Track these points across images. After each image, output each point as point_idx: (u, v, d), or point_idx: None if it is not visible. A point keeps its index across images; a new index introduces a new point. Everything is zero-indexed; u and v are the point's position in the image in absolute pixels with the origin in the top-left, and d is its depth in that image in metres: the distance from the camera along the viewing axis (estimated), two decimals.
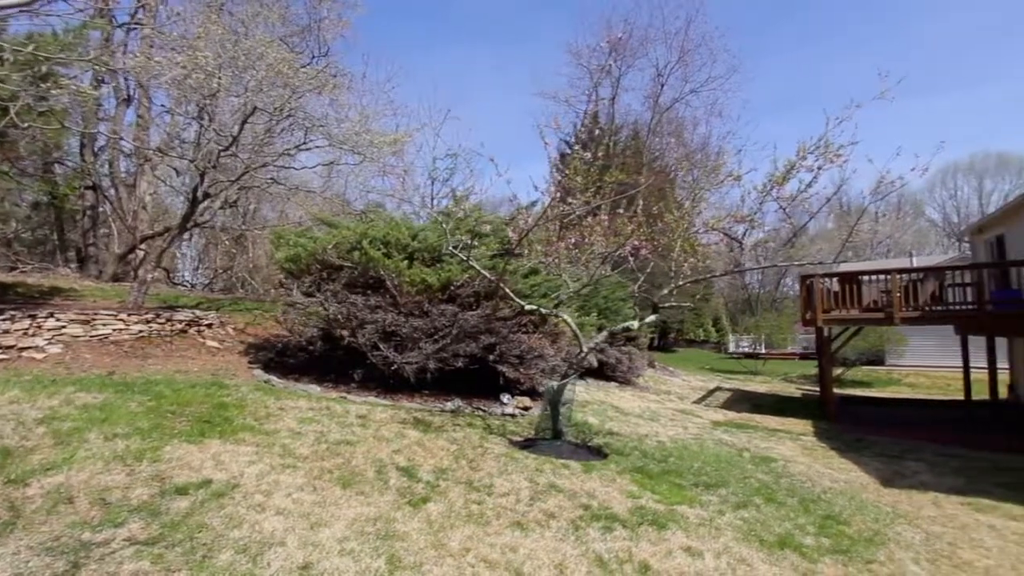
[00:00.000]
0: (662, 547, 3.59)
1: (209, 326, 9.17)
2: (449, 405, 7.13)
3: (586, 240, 5.46)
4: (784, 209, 4.80)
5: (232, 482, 3.86)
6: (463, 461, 4.97)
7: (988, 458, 8.13)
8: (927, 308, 11.40)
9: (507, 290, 5.71)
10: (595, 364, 12.84)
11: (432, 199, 7.63)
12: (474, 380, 8.07)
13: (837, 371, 20.70)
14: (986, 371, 14.64)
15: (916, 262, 24.24)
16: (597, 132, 23.07)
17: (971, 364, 14.41)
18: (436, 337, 7.07)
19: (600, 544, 3.55)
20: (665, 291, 5.77)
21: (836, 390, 18.49)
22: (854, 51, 63.86)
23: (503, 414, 7.51)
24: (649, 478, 5.16)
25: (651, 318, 6.00)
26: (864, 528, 4.28)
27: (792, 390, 19.28)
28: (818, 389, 14.93)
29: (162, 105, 8.81)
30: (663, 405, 12.55)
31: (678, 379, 19.42)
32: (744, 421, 11.46)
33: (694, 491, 4.96)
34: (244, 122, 8.18)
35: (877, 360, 22.66)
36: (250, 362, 8.14)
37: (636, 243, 5.34)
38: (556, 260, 5.45)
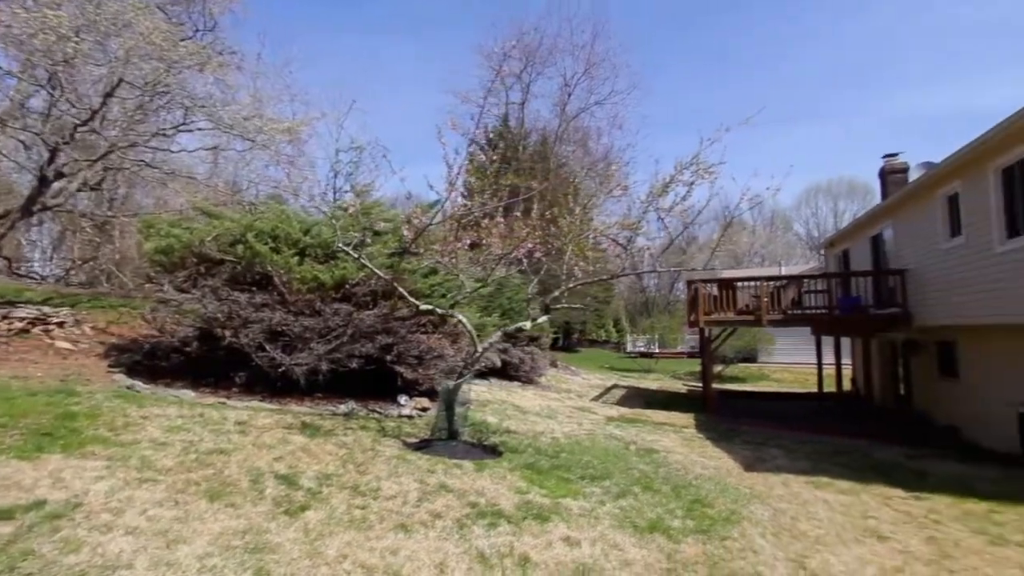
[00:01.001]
0: (543, 539, 3.72)
1: (60, 325, 8.03)
2: (342, 408, 6.85)
3: (483, 241, 5.52)
4: (662, 219, 5.23)
5: (73, 502, 3.40)
6: (351, 465, 4.80)
7: (831, 443, 9.36)
8: (788, 312, 12.91)
9: (401, 289, 5.61)
10: (498, 364, 13.01)
11: (335, 193, 7.28)
12: (371, 381, 7.82)
13: (717, 368, 22.75)
14: (839, 367, 16.90)
15: (784, 271, 27.26)
16: (503, 137, 23.48)
17: (824, 361, 16.54)
18: (329, 337, 6.76)
19: (483, 540, 3.60)
20: (556, 293, 6.00)
21: (716, 385, 20.30)
22: (742, 78, 70.73)
23: (400, 416, 7.36)
24: (539, 474, 5.32)
25: (542, 319, 6.21)
26: (724, 509, 4.75)
27: (680, 386, 20.90)
28: (701, 385, 16.28)
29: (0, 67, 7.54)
30: (562, 403, 13.01)
31: (579, 378, 20.24)
32: (635, 416, 12.20)
33: (580, 484, 5.19)
34: (108, 95, 7.26)
35: (751, 358, 25.24)
36: (111, 366, 7.24)
37: (530, 246, 5.51)
38: (453, 260, 5.45)
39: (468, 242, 5.29)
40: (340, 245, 5.45)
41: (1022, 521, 4.83)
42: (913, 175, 13.25)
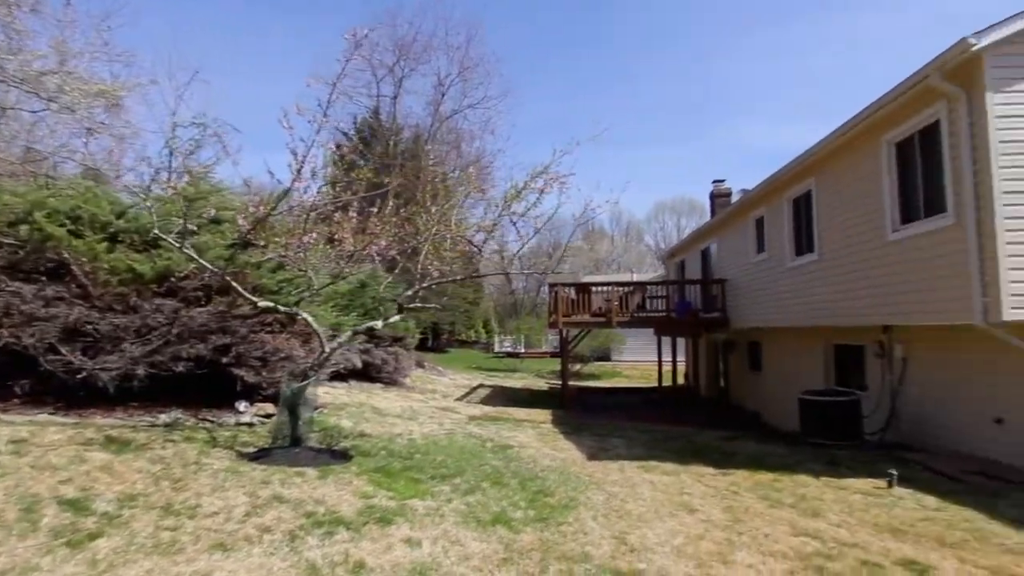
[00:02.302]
0: (383, 543, 3.62)
1: None
2: (164, 418, 6.01)
3: (335, 236, 5.24)
4: (515, 223, 5.46)
5: None
6: (166, 483, 4.22)
7: (665, 430, 10.50)
8: (634, 314, 14.29)
9: (235, 285, 5.08)
10: (359, 365, 12.47)
11: (169, 173, 6.40)
12: (205, 387, 6.98)
13: (576, 367, 24.35)
14: (681, 363, 19.07)
15: (636, 278, 30.09)
16: (373, 131, 22.68)
17: (665, 358, 18.59)
18: (150, 337, 5.89)
19: (316, 551, 3.40)
20: (409, 292, 5.93)
21: (574, 383, 21.70)
22: (609, 100, 76.73)
23: (238, 424, 6.67)
24: (388, 476, 5.19)
25: (395, 318, 6.09)
26: (564, 497, 5.07)
27: (542, 384, 21.94)
28: (561, 383, 17.26)
29: None
30: (426, 404, 12.89)
31: (446, 378, 20.24)
32: (497, 415, 12.51)
33: (430, 483, 5.17)
34: None
35: (605, 356, 27.46)
36: None
37: (384, 243, 5.37)
38: (301, 255, 5.09)
39: (314, 235, 4.97)
40: (156, 232, 4.76)
41: (795, 486, 5.87)
42: (736, 199, 15.52)
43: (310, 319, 5.44)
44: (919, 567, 3.76)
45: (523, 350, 32.98)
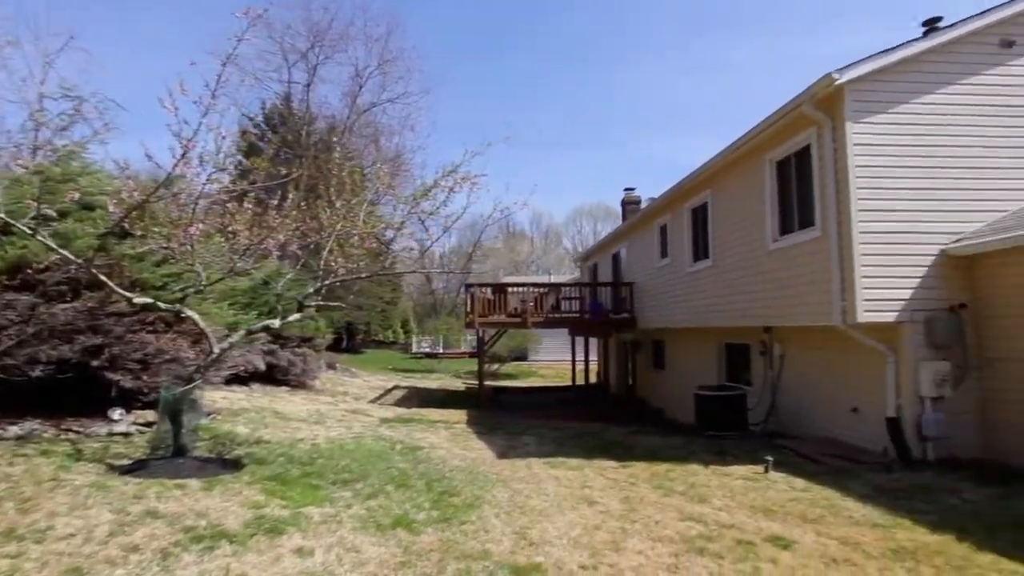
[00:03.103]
0: (271, 555, 3.42)
1: None
2: (15, 430, 5.27)
3: (229, 229, 4.87)
4: (423, 222, 5.40)
5: None
6: (9, 504, 3.69)
7: (575, 427, 10.85)
8: (549, 315, 14.66)
9: (104, 278, 4.55)
10: (262, 367, 11.73)
11: (34, 150, 5.63)
12: (72, 393, 6.22)
13: (494, 367, 24.55)
14: (593, 362, 19.78)
15: (554, 279, 30.88)
16: (283, 119, 21.39)
17: (579, 358, 19.23)
18: None
19: (192, 568, 3.13)
20: (311, 290, 5.66)
21: (492, 382, 21.85)
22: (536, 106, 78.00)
23: (112, 434, 6.01)
24: (284, 484, 4.92)
25: (294, 317, 5.79)
26: (469, 496, 5.08)
27: (459, 385, 21.87)
28: (478, 383, 17.29)
29: None
30: (335, 407, 12.38)
31: (359, 380, 19.57)
32: (411, 416, 12.29)
33: (330, 489, 4.97)
34: None
35: (523, 356, 27.92)
36: None
37: (283, 238, 5.08)
38: (188, 247, 4.66)
39: (200, 226, 4.57)
40: (2, 216, 4.13)
41: (687, 475, 6.32)
42: (644, 206, 16.43)
43: (196, 317, 5.00)
44: (784, 542, 4.18)
45: (441, 350, 32.69)
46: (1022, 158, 6.73)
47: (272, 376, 12.77)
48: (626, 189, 18.33)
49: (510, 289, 14.81)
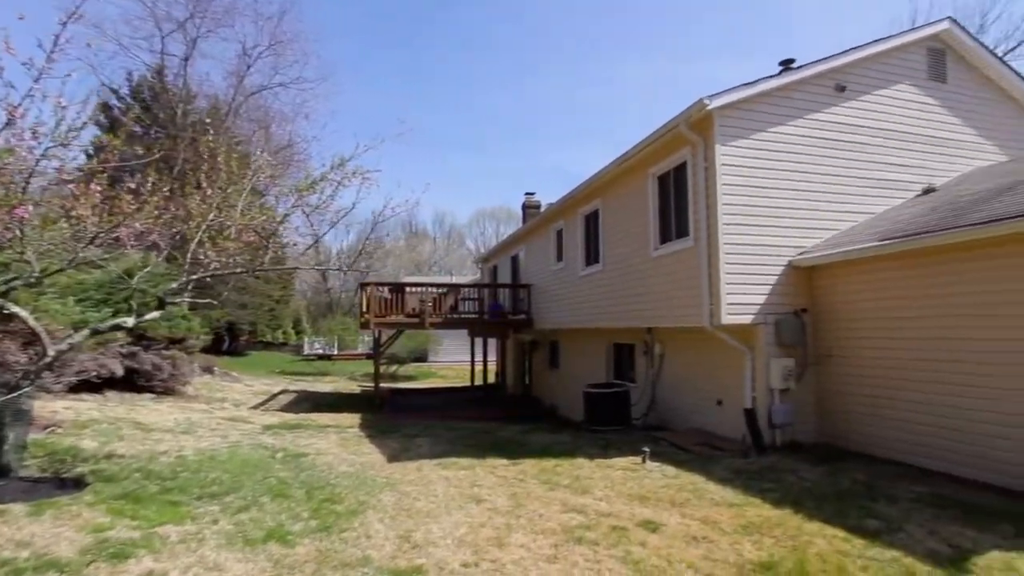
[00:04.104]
0: None
1: None
2: None
3: (71, 212, 4.21)
4: (308, 216, 5.12)
5: None
6: None
7: (472, 427, 10.90)
8: (448, 316, 14.60)
9: None
10: (119, 372, 10.37)
11: None
12: None
13: (392, 368, 23.93)
14: (492, 363, 19.96)
15: (455, 280, 30.81)
16: (155, 93, 19.11)
17: (479, 358, 19.35)
18: None
19: None
20: (175, 285, 5.12)
21: (388, 384, 21.25)
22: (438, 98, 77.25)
23: None
24: (136, 502, 4.39)
25: (153, 315, 5.20)
26: (354, 502, 4.90)
27: (354, 387, 21.00)
28: (374, 385, 16.72)
29: None
30: (210, 415, 11.29)
31: (241, 384, 18.03)
32: (299, 421, 11.58)
33: (194, 505, 4.53)
34: None
35: (423, 357, 27.51)
36: None
37: (140, 227, 4.51)
38: (16, 232, 3.94)
39: (29, 208, 3.89)
40: None
41: (573, 469, 6.62)
42: (543, 211, 16.96)
43: (24, 314, 4.26)
44: (653, 525, 4.54)
45: (336, 352, 31.17)
46: (853, 186, 7.94)
47: (133, 382, 11.33)
48: (527, 193, 18.82)
49: (408, 289, 14.51)
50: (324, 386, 20.66)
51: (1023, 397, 5.25)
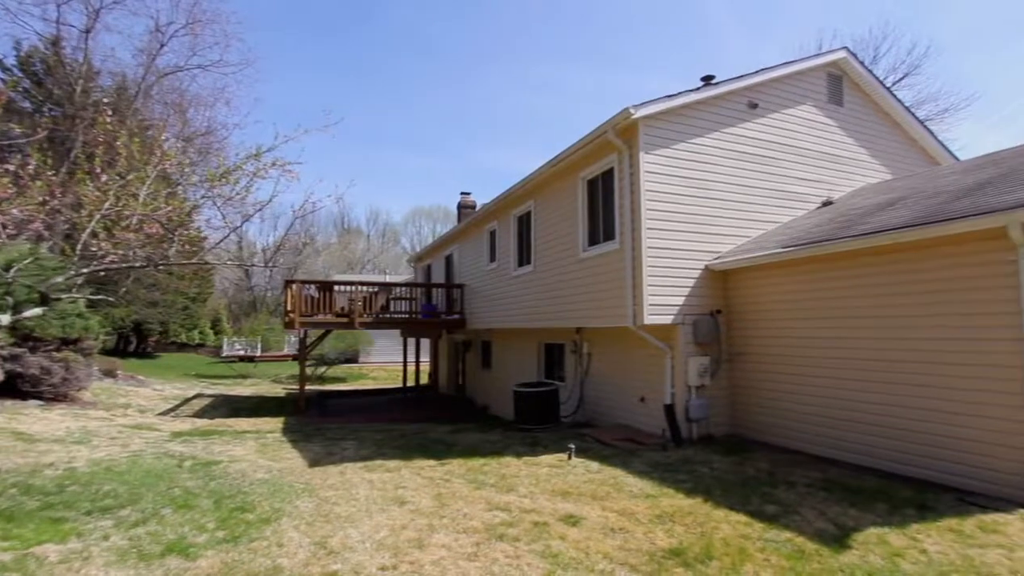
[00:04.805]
0: None
1: None
2: None
3: None
4: (219, 208, 4.82)
5: None
6: None
7: (401, 428, 10.70)
8: (379, 316, 14.24)
9: None
10: None
11: None
12: None
13: (321, 369, 23.01)
14: (425, 363, 19.66)
15: (389, 279, 30.11)
16: (48, 65, 17.18)
17: (412, 359, 19.02)
18: None
19: None
20: (60, 279, 4.63)
21: (316, 387, 20.44)
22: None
23: None
24: (9, 521, 3.94)
25: (34, 312, 4.69)
26: (268, 510, 4.66)
27: (279, 390, 20.00)
28: (299, 387, 15.98)
29: None
30: (110, 422, 10.35)
31: (148, 389, 16.67)
32: (214, 427, 10.88)
33: (82, 521, 4.13)
34: None
35: (353, 358, 26.66)
36: None
37: (20, 213, 4.03)
38: None
39: None
40: None
41: (500, 468, 6.66)
42: (478, 211, 16.96)
43: None
44: (574, 519, 4.66)
45: (259, 353, 29.50)
46: (762, 197, 8.56)
47: (16, 387, 10.17)
48: (462, 193, 18.74)
49: (337, 287, 14.00)
50: (244, 389, 19.53)
51: (895, 390, 5.88)
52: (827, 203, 8.99)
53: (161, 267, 6.00)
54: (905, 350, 5.83)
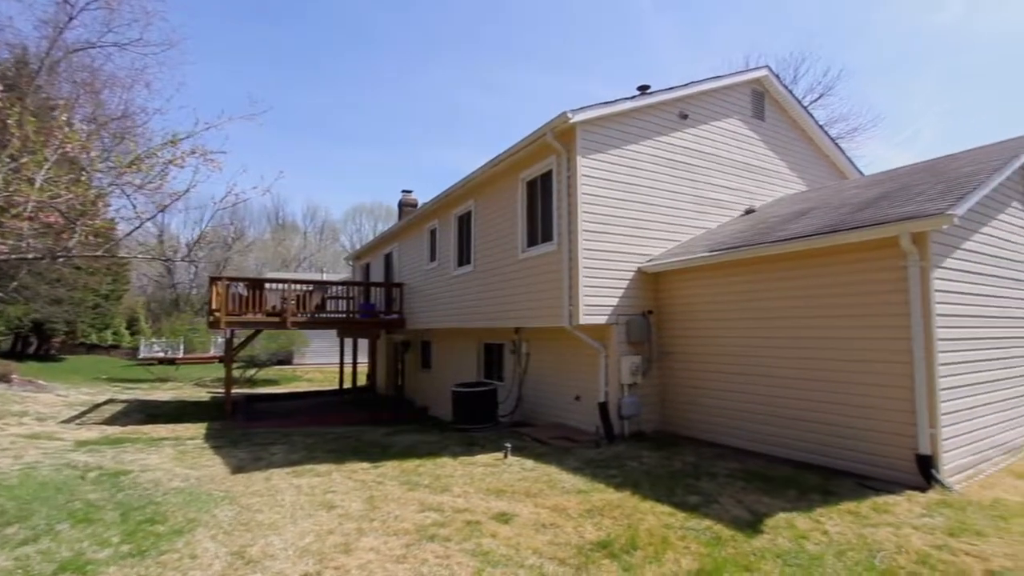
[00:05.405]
0: None
1: None
2: None
3: None
4: (129, 197, 4.46)
5: None
6: None
7: (336, 431, 10.35)
8: (314, 315, 13.71)
9: None
10: None
11: None
12: None
13: (251, 371, 21.86)
14: (363, 364, 19.10)
15: (327, 277, 29.06)
16: None
17: (349, 360, 18.45)
18: None
19: None
20: None
21: (246, 390, 19.42)
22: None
23: None
24: None
25: None
26: (181, 520, 4.37)
27: (203, 394, 18.80)
28: (225, 391, 15.08)
29: None
30: (2, 432, 9.34)
31: (49, 395, 15.19)
32: (126, 435, 10.07)
33: None
34: None
35: (287, 360, 25.51)
36: None
37: None
38: None
39: None
40: None
41: (435, 468, 6.60)
42: (419, 209, 16.71)
43: None
44: (507, 516, 4.69)
45: (182, 355, 27.58)
46: (692, 203, 9.00)
47: None
48: (404, 191, 18.41)
49: (269, 285, 13.34)
50: (164, 394, 18.21)
51: (806, 385, 6.36)
52: (749, 211, 9.57)
53: (61, 259, 5.48)
54: (814, 348, 6.31)
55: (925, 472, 5.18)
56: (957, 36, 40.58)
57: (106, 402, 15.28)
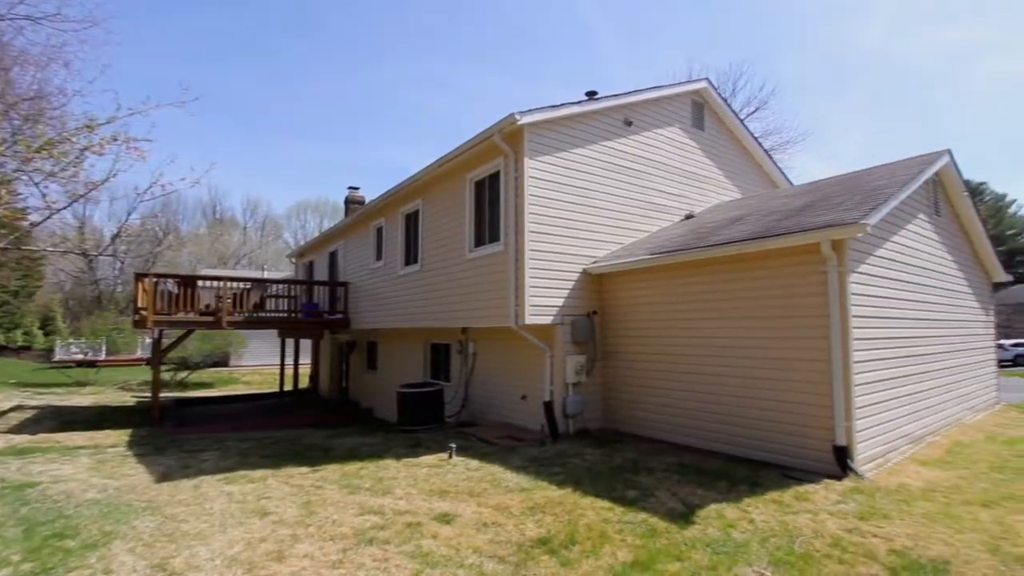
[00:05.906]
0: None
1: None
2: None
3: None
4: (38, 185, 4.10)
5: None
6: None
7: (273, 436, 9.93)
8: (252, 314, 13.10)
9: None
10: None
11: None
12: None
13: (183, 374, 20.61)
14: (305, 366, 18.39)
15: (269, 275, 27.84)
16: None
17: (291, 361, 17.73)
18: None
19: None
20: None
21: (177, 393, 18.31)
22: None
23: None
24: None
25: None
26: (96, 534, 4.07)
27: (127, 398, 17.56)
28: (152, 395, 14.12)
29: None
30: None
31: None
32: (36, 444, 9.29)
33: None
34: None
35: (223, 362, 24.23)
36: None
37: None
38: None
39: None
40: None
41: (378, 471, 6.47)
42: (366, 206, 16.32)
43: None
44: (448, 517, 4.67)
45: (104, 357, 25.62)
46: (635, 207, 9.28)
47: None
48: (351, 187, 17.93)
49: (202, 282, 12.63)
50: (82, 399, 16.87)
51: (736, 382, 6.71)
52: (689, 216, 9.99)
53: None
54: (744, 347, 6.66)
55: (841, 462, 5.58)
56: (879, 59, 44.06)
57: (12, 409, 13.99)
